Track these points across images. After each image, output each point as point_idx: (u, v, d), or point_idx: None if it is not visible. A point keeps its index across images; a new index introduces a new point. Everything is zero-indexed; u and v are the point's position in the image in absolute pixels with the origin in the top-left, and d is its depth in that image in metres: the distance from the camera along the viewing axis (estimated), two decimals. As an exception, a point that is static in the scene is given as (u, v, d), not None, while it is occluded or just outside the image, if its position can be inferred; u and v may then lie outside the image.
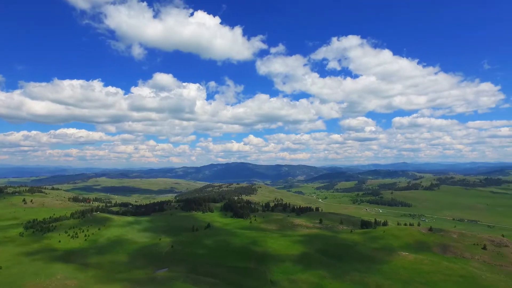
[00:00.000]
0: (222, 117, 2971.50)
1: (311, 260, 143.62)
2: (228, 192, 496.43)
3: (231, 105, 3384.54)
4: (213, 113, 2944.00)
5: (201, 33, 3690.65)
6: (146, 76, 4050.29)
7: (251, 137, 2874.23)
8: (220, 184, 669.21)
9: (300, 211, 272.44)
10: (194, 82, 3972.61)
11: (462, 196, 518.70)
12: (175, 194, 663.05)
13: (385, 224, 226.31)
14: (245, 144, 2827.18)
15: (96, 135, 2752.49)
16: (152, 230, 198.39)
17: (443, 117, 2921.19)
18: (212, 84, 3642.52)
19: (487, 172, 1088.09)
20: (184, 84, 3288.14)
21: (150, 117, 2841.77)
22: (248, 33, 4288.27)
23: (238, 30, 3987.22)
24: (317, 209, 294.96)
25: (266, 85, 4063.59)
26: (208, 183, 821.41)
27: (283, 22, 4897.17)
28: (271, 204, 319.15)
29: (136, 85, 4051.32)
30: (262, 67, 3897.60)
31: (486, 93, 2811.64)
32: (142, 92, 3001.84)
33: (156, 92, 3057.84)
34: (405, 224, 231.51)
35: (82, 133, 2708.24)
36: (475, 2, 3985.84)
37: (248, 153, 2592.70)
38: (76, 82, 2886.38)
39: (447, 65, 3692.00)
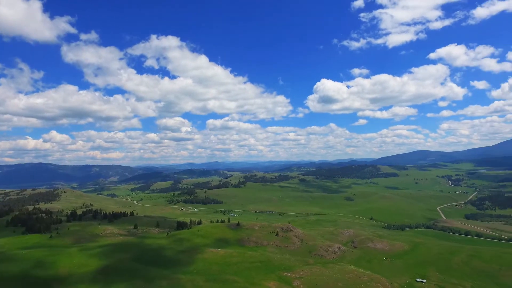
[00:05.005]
0: (11, 107, 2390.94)
1: (115, 273, 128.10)
2: (20, 200, 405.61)
3: (26, 94, 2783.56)
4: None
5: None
6: None
7: (54, 133, 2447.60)
8: (8, 190, 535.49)
9: (113, 217, 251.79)
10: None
11: (262, 191, 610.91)
12: None
13: (199, 223, 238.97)
14: (45, 141, 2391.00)
15: None
16: None
17: (249, 121, 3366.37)
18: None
19: (280, 169, 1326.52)
20: None
21: None
22: (51, 11, 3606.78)
23: (36, 3, 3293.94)
24: (132, 213, 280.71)
25: (74, 75, 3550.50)
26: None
27: (96, 7, 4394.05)
28: (79, 212, 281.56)
29: None
30: (70, 54, 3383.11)
31: (280, 104, 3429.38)
32: None
33: None
34: (217, 221, 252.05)
35: None
36: (276, 26, 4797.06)
37: (49, 151, 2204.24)
38: None
39: (254, 77, 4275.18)
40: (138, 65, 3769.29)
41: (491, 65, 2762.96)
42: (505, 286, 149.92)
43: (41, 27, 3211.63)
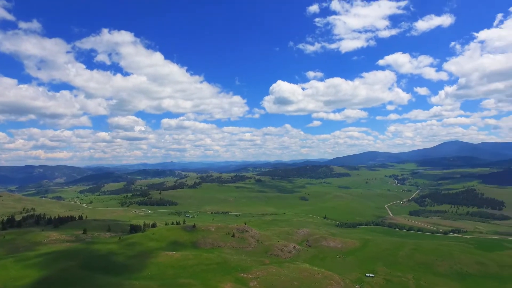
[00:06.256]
0: None
1: (59, 283, 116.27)
2: None
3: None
4: None
5: None
6: None
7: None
8: None
9: (59, 222, 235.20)
10: None
11: (218, 192, 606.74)
12: None
13: (154, 225, 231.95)
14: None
15: None
16: None
17: (205, 121, 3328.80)
18: None
19: (236, 169, 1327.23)
20: None
21: None
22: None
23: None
24: (80, 217, 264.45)
25: (12, 67, 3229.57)
26: None
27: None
28: (18, 218, 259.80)
29: None
30: (6, 44, 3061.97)
31: (237, 104, 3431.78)
32: None
33: None
34: (173, 223, 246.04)
35: None
36: (233, 26, 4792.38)
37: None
38: None
39: (210, 77, 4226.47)
40: (87, 59, 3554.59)
41: (431, 73, 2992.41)
42: (440, 275, 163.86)
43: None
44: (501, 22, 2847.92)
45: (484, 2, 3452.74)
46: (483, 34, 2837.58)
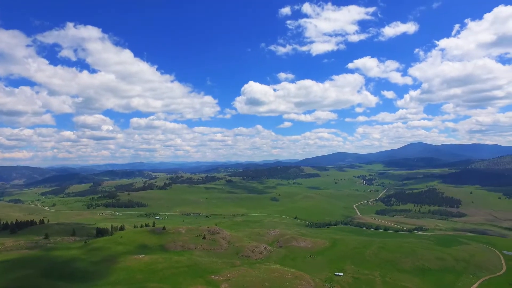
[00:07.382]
0: None
1: None
2: None
3: None
4: None
5: None
6: None
7: None
8: None
9: (17, 227, 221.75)
10: None
11: (188, 193, 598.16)
12: None
13: (122, 228, 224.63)
14: None
15: None
16: None
17: (175, 121, 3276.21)
18: None
19: (207, 170, 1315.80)
20: None
21: None
22: None
23: None
24: (42, 221, 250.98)
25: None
26: None
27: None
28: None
29: None
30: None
31: (208, 104, 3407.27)
32: None
33: None
34: (142, 226, 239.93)
35: None
36: (205, 26, 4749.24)
37: None
38: None
39: (181, 76, 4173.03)
40: (50, 54, 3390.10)
41: (397, 78, 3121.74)
42: (404, 271, 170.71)
43: None
44: (458, 32, 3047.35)
45: (444, 12, 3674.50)
46: (443, 43, 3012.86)
